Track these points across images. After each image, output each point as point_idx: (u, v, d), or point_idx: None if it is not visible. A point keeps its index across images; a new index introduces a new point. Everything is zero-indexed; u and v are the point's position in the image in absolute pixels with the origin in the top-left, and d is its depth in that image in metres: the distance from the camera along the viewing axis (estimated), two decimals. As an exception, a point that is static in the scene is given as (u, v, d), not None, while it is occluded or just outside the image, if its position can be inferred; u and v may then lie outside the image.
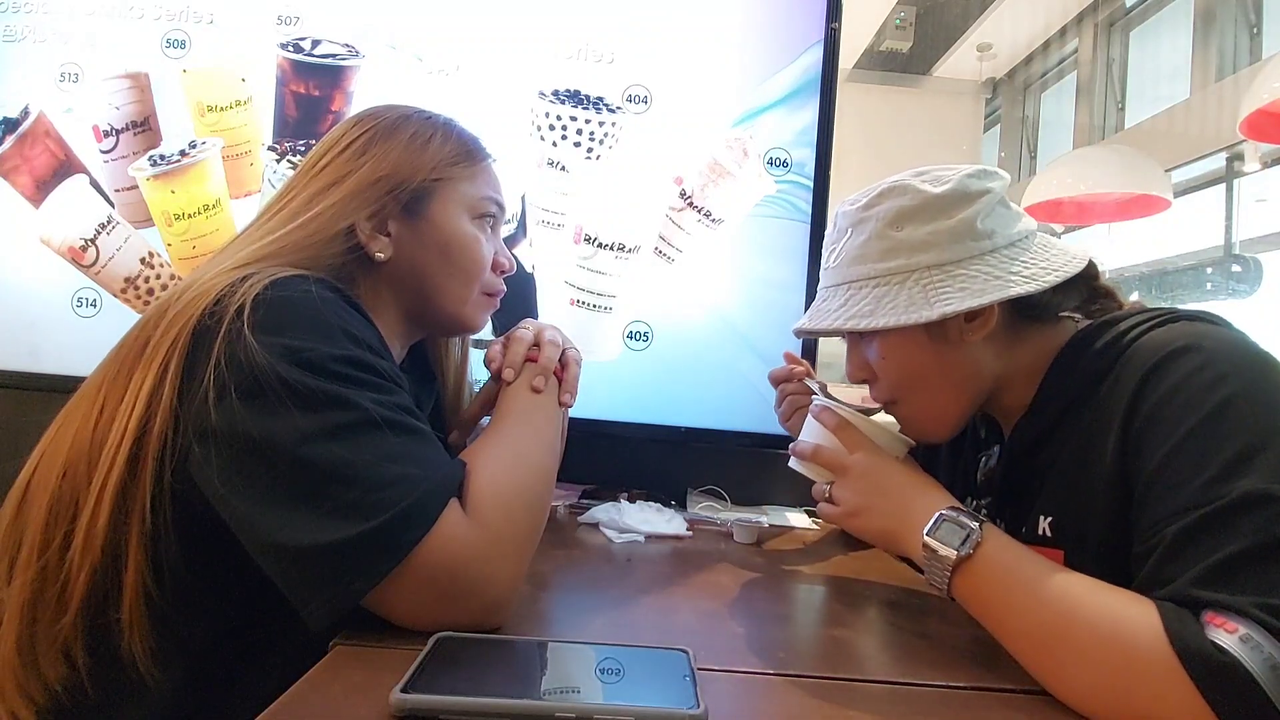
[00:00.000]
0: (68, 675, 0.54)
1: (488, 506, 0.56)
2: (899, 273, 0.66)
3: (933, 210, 0.66)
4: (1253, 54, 4.52)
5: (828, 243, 0.73)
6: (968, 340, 0.67)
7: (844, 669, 0.55)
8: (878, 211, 0.67)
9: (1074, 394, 0.65)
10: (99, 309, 1.22)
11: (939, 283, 0.64)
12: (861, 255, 0.68)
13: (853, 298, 0.68)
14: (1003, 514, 0.73)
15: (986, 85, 6.79)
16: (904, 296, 0.65)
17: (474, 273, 0.72)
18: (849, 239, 0.69)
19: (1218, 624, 0.46)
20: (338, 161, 0.68)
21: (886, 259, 0.67)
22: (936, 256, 0.65)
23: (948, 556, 0.57)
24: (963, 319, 0.66)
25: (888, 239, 0.67)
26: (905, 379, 0.70)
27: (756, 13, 1.21)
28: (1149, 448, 0.56)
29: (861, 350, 0.72)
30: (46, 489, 0.56)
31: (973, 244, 0.65)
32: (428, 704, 0.41)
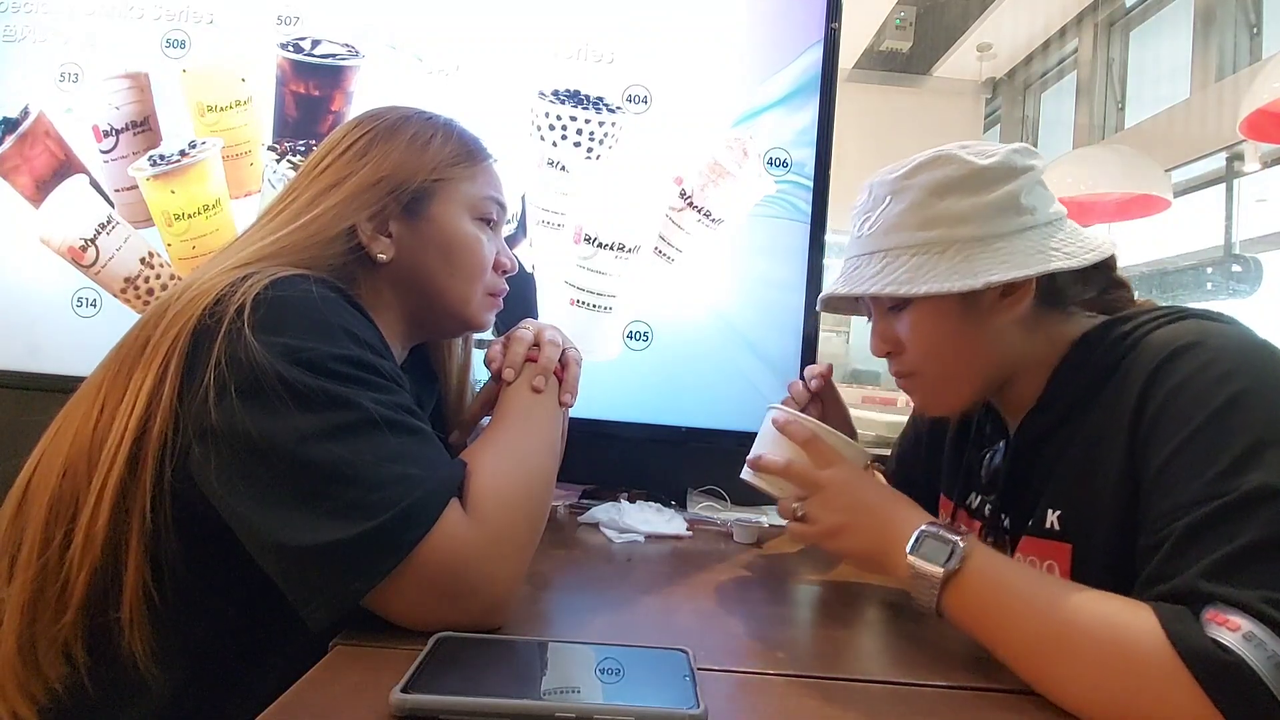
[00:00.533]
0: (68, 674, 0.54)
1: (488, 506, 0.56)
2: (939, 243, 0.65)
3: (977, 183, 0.66)
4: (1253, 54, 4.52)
5: (859, 211, 0.72)
6: (999, 316, 0.67)
7: (844, 669, 0.55)
8: (920, 180, 0.67)
9: (1083, 389, 0.65)
10: (99, 309, 1.22)
11: (979, 254, 0.64)
12: (900, 224, 0.67)
13: (889, 265, 0.67)
14: (1008, 509, 0.72)
15: (986, 85, 6.79)
16: (944, 266, 0.64)
17: (476, 273, 0.72)
18: (887, 207, 0.68)
19: (1220, 622, 0.46)
20: (339, 163, 0.69)
21: (926, 229, 0.66)
22: (977, 229, 0.65)
23: (934, 573, 0.56)
24: (998, 294, 0.66)
25: (929, 208, 0.66)
26: (932, 351, 0.69)
27: (756, 13, 1.21)
28: (1157, 443, 0.56)
29: (889, 322, 0.71)
30: (47, 488, 0.56)
31: (1015, 219, 0.65)
32: (428, 704, 0.41)
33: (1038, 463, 0.69)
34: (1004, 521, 0.72)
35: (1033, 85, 6.80)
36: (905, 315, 0.69)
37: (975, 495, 0.79)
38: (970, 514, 0.79)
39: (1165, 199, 3.70)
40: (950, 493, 0.83)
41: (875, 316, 0.73)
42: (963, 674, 0.54)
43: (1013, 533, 0.71)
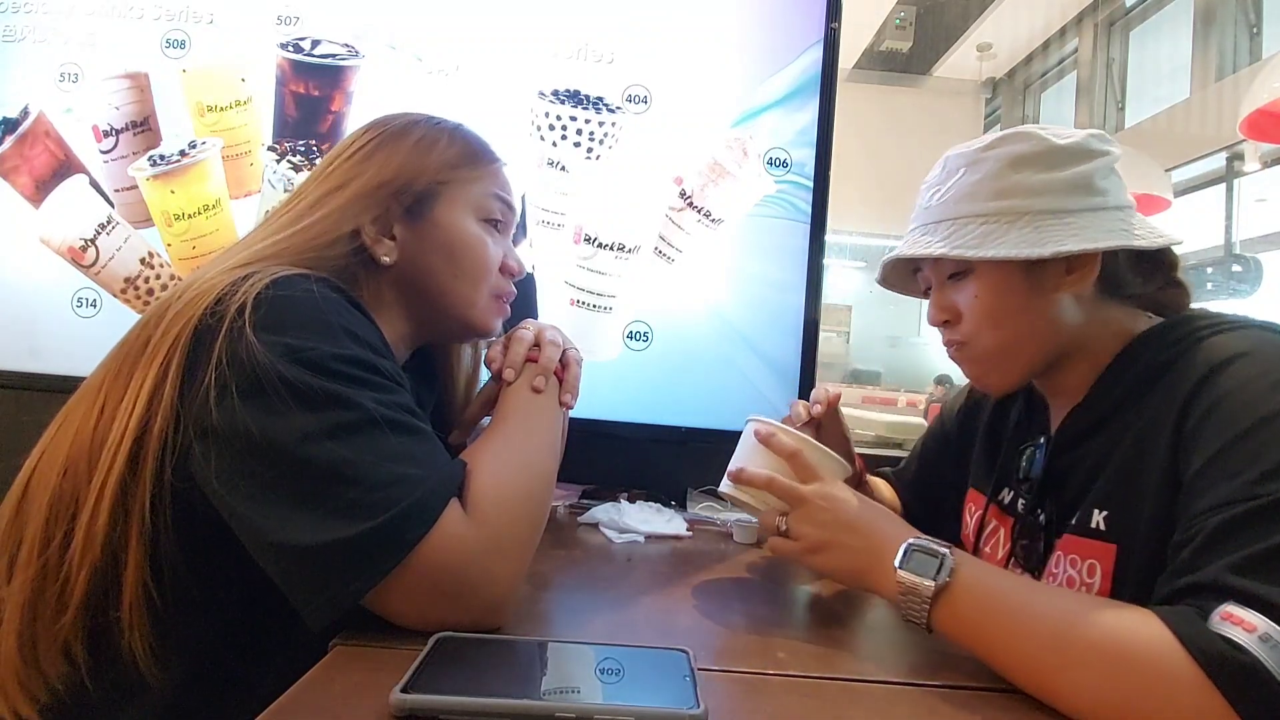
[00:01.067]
0: (69, 673, 0.54)
1: (488, 506, 0.56)
2: (1010, 213, 0.66)
3: (1053, 159, 0.67)
4: (1253, 54, 4.52)
5: (930, 184, 0.73)
6: (1061, 292, 0.67)
7: (844, 669, 0.55)
8: (997, 153, 0.68)
9: (1131, 388, 0.65)
10: (99, 309, 1.22)
11: (1049, 226, 0.65)
12: (973, 194, 0.68)
13: (957, 231, 0.68)
14: (1044, 505, 0.72)
15: (986, 85, 6.79)
16: (1013, 235, 0.65)
17: (480, 275, 0.72)
18: (960, 178, 0.69)
19: (1235, 621, 0.45)
20: (344, 166, 0.69)
21: (999, 199, 0.67)
22: (1049, 203, 0.66)
23: (924, 587, 0.55)
24: (1062, 270, 0.67)
25: (1004, 179, 0.67)
26: (991, 320, 0.69)
27: (756, 13, 1.21)
28: (1200, 445, 0.56)
29: (948, 291, 0.72)
30: (47, 487, 0.56)
31: (1086, 198, 0.66)
32: (428, 704, 0.41)
33: (1078, 460, 0.69)
34: (1039, 517, 0.72)
35: (1033, 85, 6.81)
36: (968, 283, 0.70)
37: (1008, 491, 0.78)
38: (1002, 509, 0.79)
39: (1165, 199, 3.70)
40: (981, 487, 0.84)
41: (936, 284, 0.73)
42: (963, 674, 0.54)
43: (1048, 529, 0.71)
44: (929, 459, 0.99)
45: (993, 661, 0.53)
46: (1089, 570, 0.64)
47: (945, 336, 0.74)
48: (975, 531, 0.82)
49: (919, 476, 1.00)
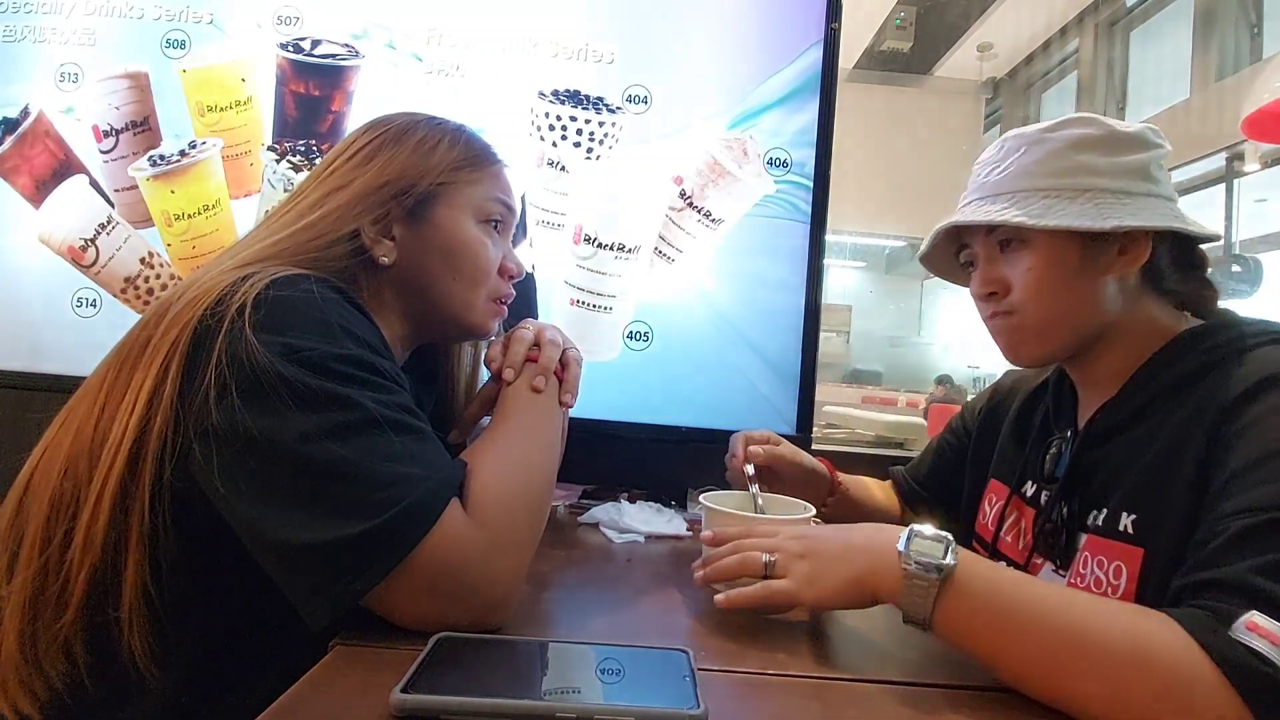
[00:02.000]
0: (69, 672, 0.54)
1: (488, 506, 0.56)
2: (1072, 189, 0.68)
3: (1114, 145, 0.69)
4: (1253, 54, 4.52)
5: (986, 162, 0.75)
6: (1111, 273, 0.69)
7: (844, 669, 0.55)
8: (1061, 135, 0.70)
9: (1168, 386, 0.66)
10: (99, 309, 1.22)
11: (1109, 203, 0.67)
12: (1035, 170, 0.70)
13: (1020, 202, 0.69)
14: (1068, 500, 0.72)
15: (987, 85, 6.79)
16: (1075, 208, 0.67)
17: (479, 277, 0.72)
18: (1021, 155, 0.71)
19: (1262, 633, 0.45)
20: (346, 167, 0.69)
21: (1061, 176, 0.69)
22: (1110, 183, 0.68)
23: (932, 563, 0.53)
24: (1115, 250, 0.68)
25: (1067, 159, 0.69)
26: (1042, 291, 0.70)
27: (756, 13, 1.21)
28: (1235, 454, 0.56)
29: (998, 264, 0.73)
30: (48, 486, 0.56)
31: (1144, 184, 0.69)
32: (428, 704, 0.41)
33: (1106, 455, 0.70)
34: (1062, 510, 0.72)
35: (1033, 85, 6.81)
36: (1023, 253, 0.71)
37: (1031, 484, 0.79)
38: (1024, 501, 0.79)
39: None
40: (1004, 479, 0.84)
41: (985, 257, 0.74)
42: (963, 674, 0.54)
43: (1070, 521, 0.71)
44: (945, 454, 0.99)
45: (997, 662, 0.52)
46: (1115, 572, 0.64)
47: (989, 309, 0.75)
48: (995, 522, 0.82)
49: (935, 470, 1.00)
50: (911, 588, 0.54)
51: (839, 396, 5.45)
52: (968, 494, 0.92)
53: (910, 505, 1.02)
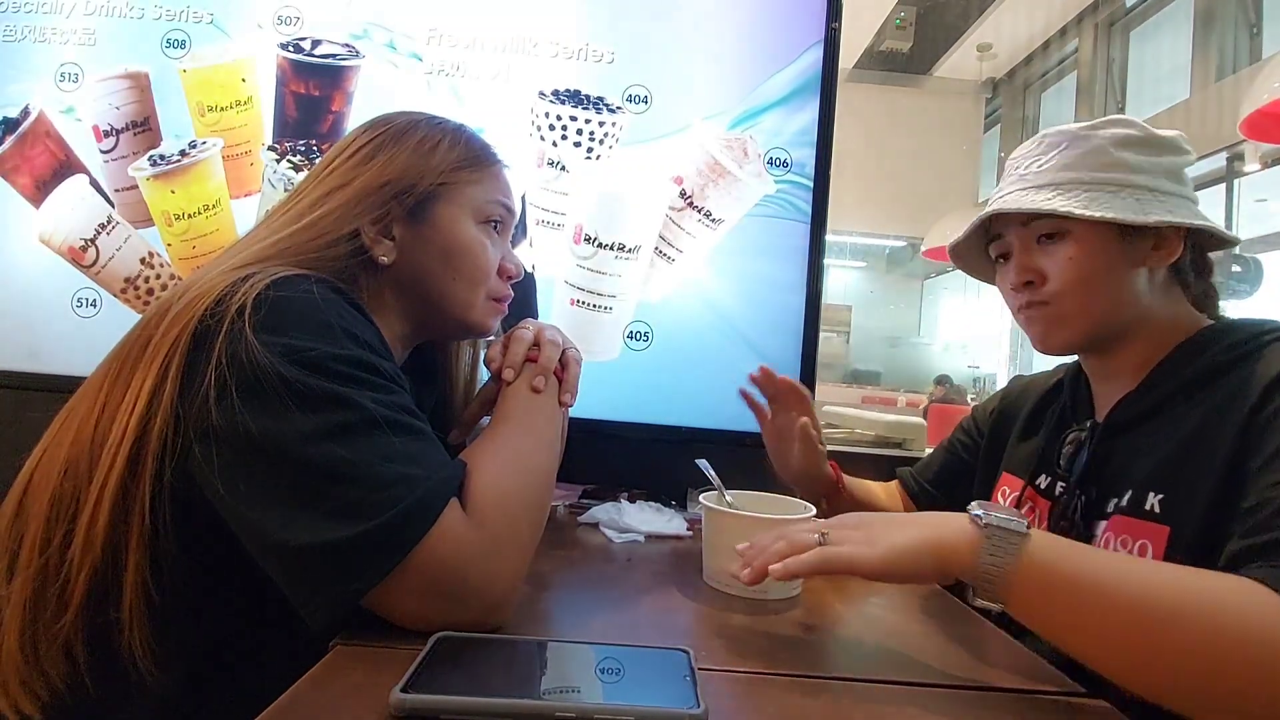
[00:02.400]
0: (69, 672, 0.54)
1: (488, 506, 0.56)
2: (1114, 184, 0.71)
3: (1153, 146, 0.73)
4: (1253, 54, 4.52)
5: (1025, 155, 0.76)
6: (1145, 265, 0.72)
7: (844, 669, 0.55)
8: (1103, 133, 0.73)
9: (1192, 379, 0.68)
10: (99, 309, 1.22)
11: (1149, 200, 0.70)
12: (1079, 164, 0.72)
13: (1064, 193, 0.71)
14: (1086, 491, 0.73)
15: (986, 85, 6.79)
16: (1118, 202, 0.70)
17: (478, 277, 0.72)
18: (1064, 150, 0.73)
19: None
20: (345, 166, 0.69)
21: (1105, 171, 0.71)
22: (1150, 181, 0.71)
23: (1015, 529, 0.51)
24: (1150, 245, 0.71)
25: (1109, 155, 0.72)
26: (1080, 281, 0.72)
27: (756, 13, 1.21)
28: (1273, 433, 0.58)
29: (1034, 254, 0.74)
30: (48, 487, 0.56)
31: (1177, 186, 0.73)
32: (428, 704, 0.41)
33: (1125, 445, 0.72)
34: (1080, 500, 0.73)
35: (1033, 85, 6.80)
36: (1063, 245, 0.73)
37: (1046, 476, 0.80)
38: (1039, 493, 0.80)
39: None
40: (1018, 472, 0.85)
41: (1022, 247, 0.76)
42: (963, 674, 0.54)
43: (1086, 512, 0.73)
44: (957, 453, 1.00)
45: (1076, 635, 0.51)
46: (1140, 550, 0.65)
47: (1022, 299, 0.76)
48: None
49: (947, 468, 1.01)
50: (991, 548, 0.52)
51: (839, 396, 5.45)
52: (977, 491, 0.93)
53: (920, 506, 1.02)
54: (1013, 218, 0.76)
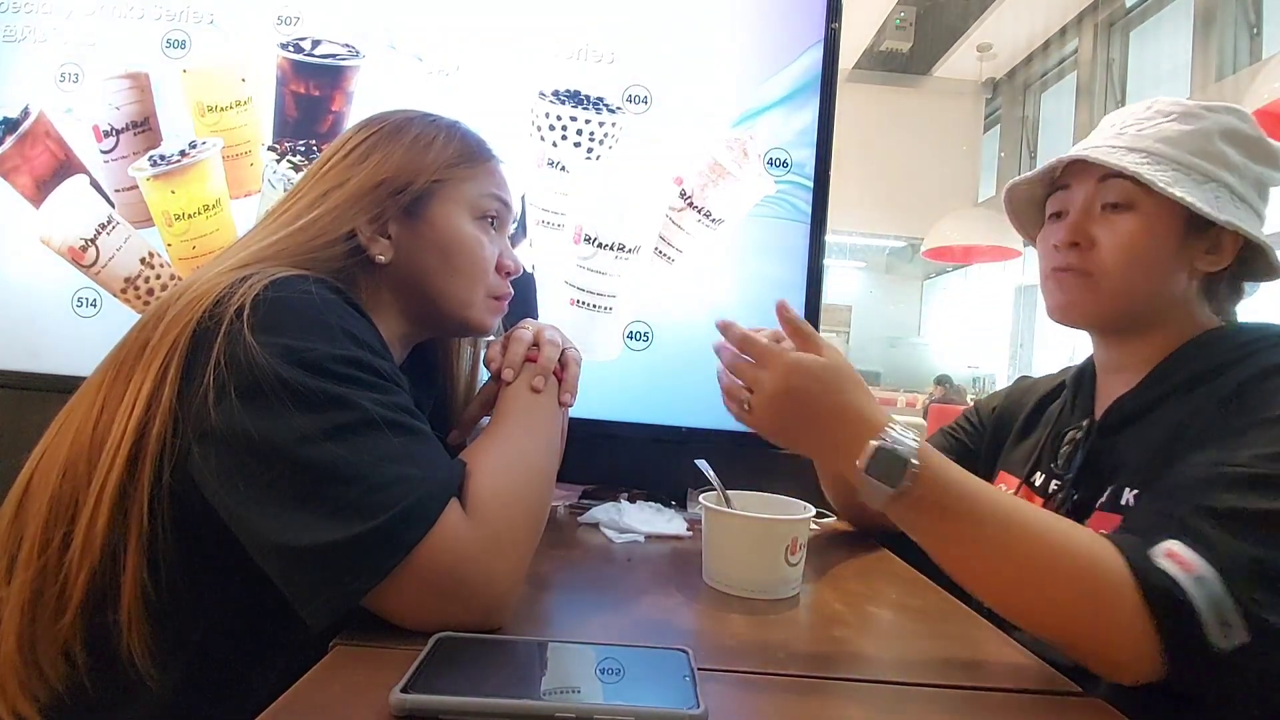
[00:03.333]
0: (68, 674, 0.54)
1: (488, 506, 0.56)
2: (1202, 173, 0.69)
3: (1257, 150, 0.71)
4: (1253, 54, 4.53)
5: (1128, 115, 0.74)
6: (1192, 264, 0.71)
7: (844, 669, 0.55)
8: (1215, 118, 0.71)
9: (1183, 382, 0.68)
10: (99, 309, 1.22)
11: (1228, 200, 0.69)
12: (1179, 140, 0.70)
13: (1152, 164, 0.69)
14: (1079, 489, 0.74)
15: (986, 85, 6.79)
16: (1200, 191, 0.68)
17: (476, 274, 0.72)
18: (1171, 121, 0.71)
19: (1177, 561, 0.50)
20: (341, 166, 0.69)
21: (1200, 157, 0.69)
22: (1236, 183, 0.70)
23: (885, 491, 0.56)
24: (1205, 247, 0.70)
25: (1211, 142, 0.70)
26: (1132, 258, 0.70)
27: (756, 13, 1.21)
28: (1227, 420, 0.59)
29: (1096, 220, 0.72)
30: (46, 488, 0.56)
31: (1258, 199, 0.72)
32: (428, 704, 0.41)
33: (1116, 445, 0.71)
34: (1074, 497, 0.73)
35: (1033, 85, 6.80)
36: (1126, 217, 0.71)
37: (1041, 474, 0.80)
38: (1034, 491, 0.80)
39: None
40: (1014, 470, 0.85)
41: (1080, 209, 0.73)
42: (963, 674, 0.54)
43: (1079, 510, 0.72)
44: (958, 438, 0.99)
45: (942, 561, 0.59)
46: None
47: (1062, 259, 0.74)
48: None
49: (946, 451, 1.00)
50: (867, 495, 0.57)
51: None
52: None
53: None
54: (1089, 171, 0.73)
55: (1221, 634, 0.49)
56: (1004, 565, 0.55)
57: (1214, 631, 0.49)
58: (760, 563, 0.70)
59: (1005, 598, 0.57)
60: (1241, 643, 0.49)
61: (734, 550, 0.72)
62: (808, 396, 0.60)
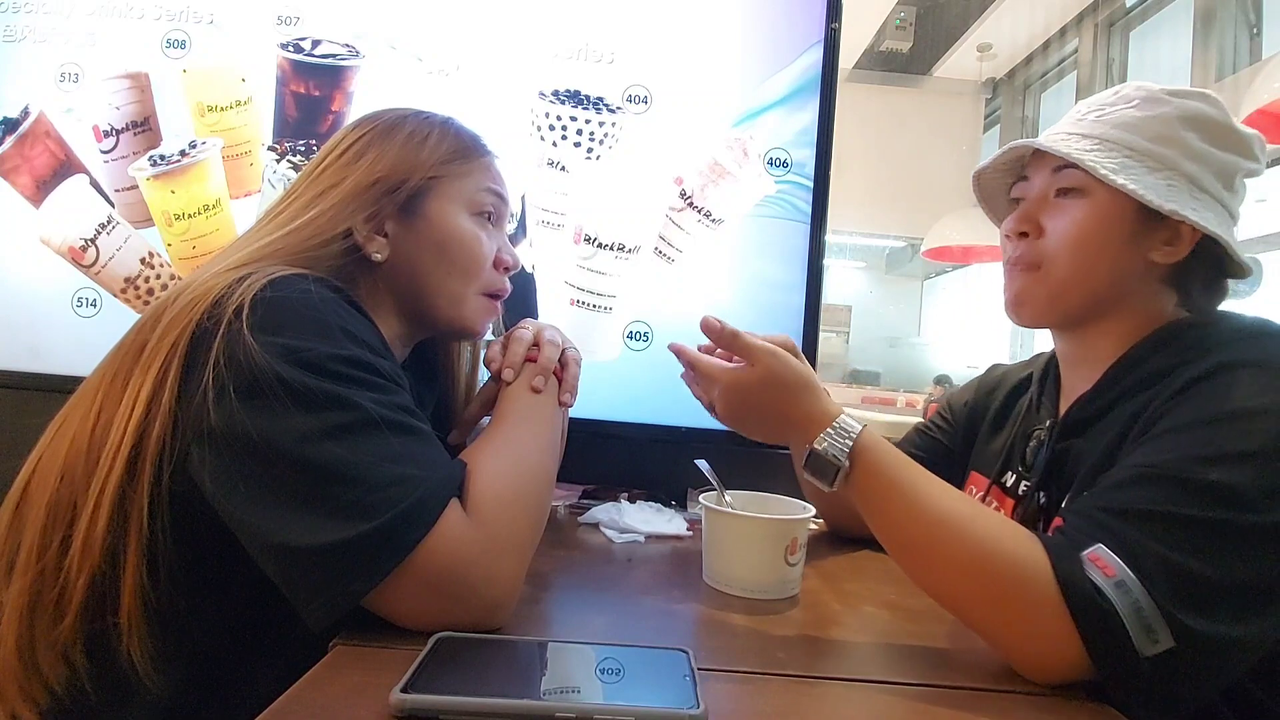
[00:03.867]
0: (68, 677, 0.54)
1: (488, 506, 0.56)
2: (1158, 160, 0.67)
3: (1222, 137, 0.68)
4: (1253, 54, 4.52)
5: (1096, 101, 0.72)
6: (1147, 255, 0.69)
7: (844, 669, 0.55)
8: (1180, 104, 0.68)
9: (1139, 380, 0.67)
10: (99, 309, 1.22)
11: (1182, 190, 0.66)
12: (1136, 127, 0.68)
13: (1102, 149, 0.68)
14: (1046, 489, 0.73)
15: (986, 85, 6.78)
16: (1150, 179, 0.66)
17: (472, 270, 0.72)
18: (1130, 108, 0.69)
19: (1099, 565, 0.50)
20: (337, 165, 0.69)
21: (1157, 144, 0.67)
22: (1195, 172, 0.67)
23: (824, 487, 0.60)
24: (1162, 238, 0.68)
25: (1170, 128, 0.67)
26: (1080, 245, 0.69)
27: (756, 13, 1.20)
28: (1165, 419, 0.59)
29: (1044, 206, 0.72)
30: (45, 492, 0.55)
31: (1222, 189, 0.68)
32: (428, 704, 0.41)
33: (1079, 445, 0.71)
34: (1040, 500, 0.73)
35: (1033, 85, 6.79)
36: (1077, 203, 0.69)
37: (1011, 474, 0.80)
38: (1004, 491, 0.80)
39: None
40: (984, 470, 0.85)
41: (1037, 197, 0.73)
42: (963, 674, 0.54)
43: (1047, 511, 0.72)
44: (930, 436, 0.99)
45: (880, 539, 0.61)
46: None
47: (1016, 250, 0.74)
48: None
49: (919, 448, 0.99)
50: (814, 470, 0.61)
51: (839, 396, 5.43)
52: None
53: None
54: (1046, 160, 0.72)
55: (1147, 640, 0.49)
56: (933, 558, 0.57)
57: (1139, 638, 0.48)
58: (760, 563, 0.70)
59: (934, 590, 0.59)
60: (1168, 648, 0.48)
61: (734, 550, 0.72)
62: (749, 410, 0.67)
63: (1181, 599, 0.49)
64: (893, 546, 0.60)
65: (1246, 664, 0.53)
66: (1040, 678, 0.53)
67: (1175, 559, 0.50)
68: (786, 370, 0.64)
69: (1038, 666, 0.53)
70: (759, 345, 0.66)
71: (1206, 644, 0.49)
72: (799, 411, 0.63)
